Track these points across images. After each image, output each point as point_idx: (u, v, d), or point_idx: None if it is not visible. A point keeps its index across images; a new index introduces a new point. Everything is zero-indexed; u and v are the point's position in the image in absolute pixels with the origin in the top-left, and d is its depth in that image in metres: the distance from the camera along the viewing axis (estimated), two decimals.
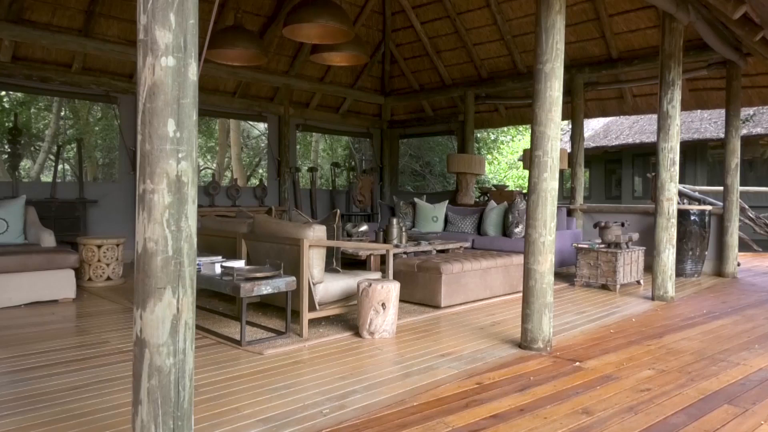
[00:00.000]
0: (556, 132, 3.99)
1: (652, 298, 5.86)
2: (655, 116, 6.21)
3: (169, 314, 1.98)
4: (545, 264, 3.96)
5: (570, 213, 8.72)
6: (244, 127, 16.92)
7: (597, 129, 18.38)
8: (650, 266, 6.06)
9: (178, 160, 1.99)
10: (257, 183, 10.72)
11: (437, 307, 5.26)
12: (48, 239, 5.79)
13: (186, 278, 2.02)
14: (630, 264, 6.49)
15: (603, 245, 6.51)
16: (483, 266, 5.65)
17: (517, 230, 7.40)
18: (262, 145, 17.92)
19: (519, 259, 6.01)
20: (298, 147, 12.22)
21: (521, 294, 4.13)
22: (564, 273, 7.51)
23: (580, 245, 6.68)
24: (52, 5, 7.31)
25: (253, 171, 17.59)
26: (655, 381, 3.38)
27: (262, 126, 16.39)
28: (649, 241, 6.72)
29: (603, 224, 6.56)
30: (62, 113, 14.46)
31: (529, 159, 4.09)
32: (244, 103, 9.81)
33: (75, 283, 5.45)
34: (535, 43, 4.01)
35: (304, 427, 2.63)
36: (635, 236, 6.59)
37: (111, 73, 8.22)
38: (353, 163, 15.05)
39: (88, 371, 3.38)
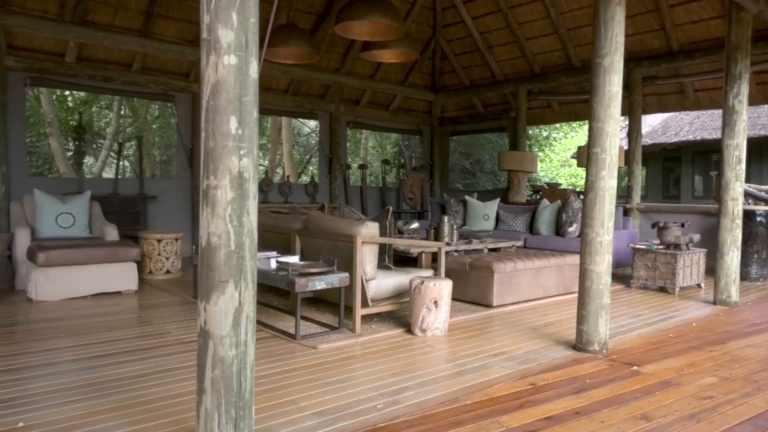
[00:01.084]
0: (615, 128, 3.87)
1: (714, 303, 5.62)
2: (718, 112, 5.96)
3: (231, 307, 2.03)
4: (602, 264, 3.86)
5: (626, 212, 8.47)
6: (295, 124, 17.17)
7: (655, 125, 17.75)
8: (712, 269, 5.82)
9: (239, 157, 2.03)
10: (308, 180, 10.86)
11: (489, 306, 5.20)
12: (112, 233, 6.04)
13: (247, 272, 2.07)
14: (690, 266, 6.25)
15: (662, 246, 6.29)
16: (536, 266, 5.55)
17: (570, 229, 7.24)
18: (313, 142, 18.14)
19: (573, 259, 5.88)
20: (348, 144, 12.32)
21: (575, 295, 4.05)
22: (619, 274, 7.29)
23: (637, 246, 6.47)
24: (114, 7, 7.60)
25: (303, 168, 17.84)
26: (719, 389, 3.24)
27: (312, 123, 16.60)
28: (710, 242, 6.45)
29: (662, 224, 6.33)
30: (122, 112, 15.05)
31: (585, 156, 3.99)
32: (296, 100, 9.95)
33: (137, 276, 5.66)
34: (593, 37, 3.90)
35: (359, 421, 2.65)
36: (696, 237, 6.33)
37: (169, 73, 8.48)
38: (403, 160, 15.05)
39: (151, 360, 3.51)
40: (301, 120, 16.27)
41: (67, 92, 13.52)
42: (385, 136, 18.04)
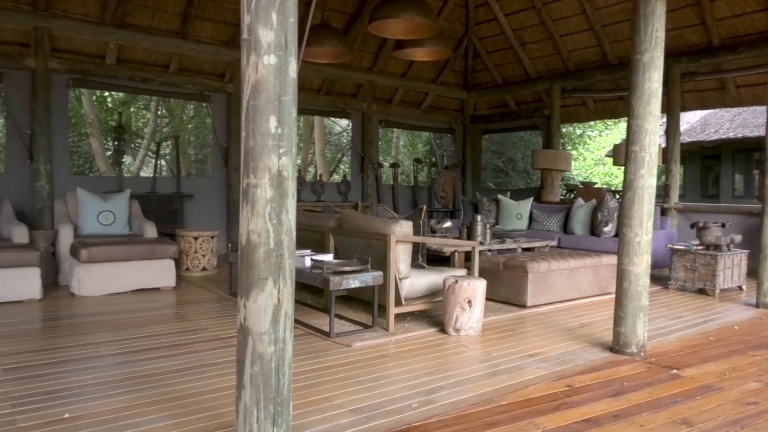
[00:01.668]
0: (655, 126, 3.79)
1: (757, 305, 5.45)
2: (761, 108, 5.77)
3: (270, 304, 2.06)
4: (641, 265, 3.79)
5: (664, 212, 8.28)
6: (327, 123, 17.27)
7: (693, 123, 17.29)
8: (754, 271, 5.64)
9: (279, 156, 2.06)
10: (340, 179, 10.92)
11: (523, 306, 5.15)
12: (150, 231, 6.18)
13: (286, 270, 2.09)
14: (731, 268, 6.07)
15: (701, 247, 6.13)
16: (571, 266, 5.47)
17: (606, 229, 7.12)
18: (344, 141, 18.23)
19: (609, 260, 5.78)
20: (379, 143, 12.33)
21: (611, 296, 3.98)
22: (656, 275, 7.13)
23: (675, 246, 6.32)
24: (152, 9, 7.76)
25: (335, 167, 17.94)
26: (763, 394, 3.14)
27: (343, 122, 16.67)
28: (753, 243, 6.25)
29: (701, 224, 6.17)
30: (159, 112, 15.36)
31: (622, 154, 3.91)
32: (328, 100, 10.02)
33: (175, 273, 5.78)
34: (633, 32, 3.82)
35: (394, 419, 2.66)
36: (738, 238, 6.15)
37: (205, 73, 8.63)
38: (434, 159, 15.00)
39: (188, 356, 3.58)
40: (332, 119, 16.36)
41: (107, 93, 13.86)
42: (416, 134, 18.01)
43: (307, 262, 4.37)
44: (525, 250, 6.23)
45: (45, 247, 5.99)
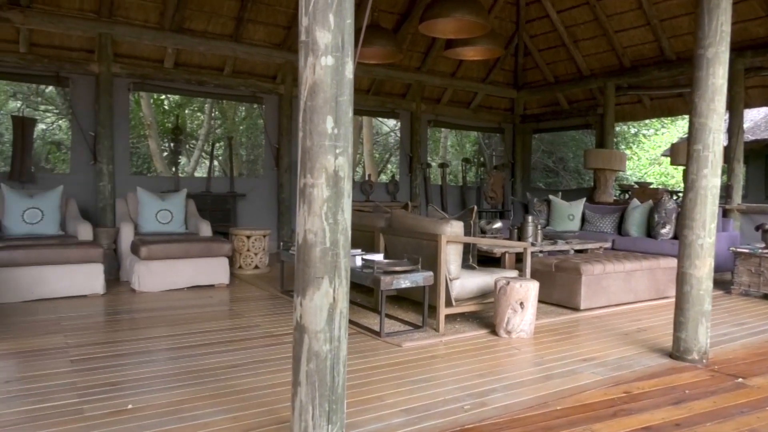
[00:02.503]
0: (719, 124, 3.63)
1: None
2: None
3: (326, 303, 2.08)
4: (703, 269, 3.64)
5: (726, 213, 7.92)
6: (374, 123, 17.35)
7: (757, 120, 16.47)
8: None
9: (335, 156, 2.08)
10: (388, 179, 10.95)
11: (576, 309, 5.03)
12: (205, 229, 6.35)
13: (342, 269, 2.11)
14: None
15: (767, 250, 5.84)
16: (626, 268, 5.31)
17: (663, 231, 6.88)
18: (391, 141, 18.26)
19: (667, 262, 5.59)
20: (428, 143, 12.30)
21: (669, 300, 3.85)
22: (717, 279, 6.81)
23: (739, 249, 6.04)
24: (208, 14, 7.98)
25: (383, 167, 18.00)
26: None
27: (391, 122, 16.70)
28: None
29: (767, 227, 5.88)
30: (212, 114, 15.77)
31: (681, 154, 3.77)
32: (377, 100, 10.05)
33: (228, 270, 5.93)
34: (696, 26, 3.68)
35: (446, 421, 2.64)
36: None
37: (257, 75, 8.81)
38: (483, 158, 14.84)
39: (242, 352, 3.67)
40: (380, 119, 16.42)
41: (163, 96, 14.33)
42: (464, 134, 17.87)
43: (358, 262, 4.40)
44: (578, 251, 6.09)
45: (107, 244, 6.25)
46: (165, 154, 14.12)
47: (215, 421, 2.58)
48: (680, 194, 10.35)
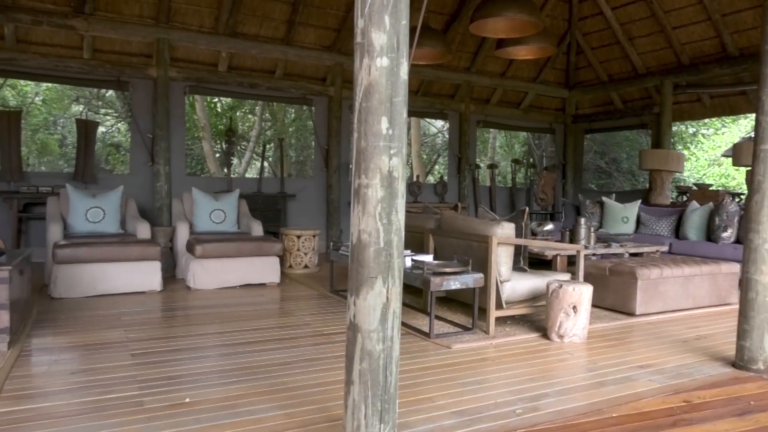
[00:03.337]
0: None
1: None
2: None
3: (379, 302, 2.09)
4: None
5: None
6: (422, 124, 17.32)
7: None
8: None
9: (390, 156, 2.08)
10: (436, 180, 10.91)
11: (631, 314, 4.89)
12: (257, 229, 6.49)
13: (395, 269, 2.12)
14: None
15: None
16: (685, 273, 5.12)
17: (725, 235, 6.60)
18: (439, 142, 18.19)
19: (728, 267, 5.36)
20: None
21: (731, 307, 3.69)
22: None
23: None
24: (260, 18, 8.15)
25: (430, 168, 17.95)
26: None
27: (439, 123, 16.64)
28: None
29: None
30: (263, 116, 16.10)
31: (747, 154, 3.61)
32: (426, 101, 10.03)
33: (279, 269, 6.03)
34: (763, 20, 3.51)
35: (498, 424, 2.61)
36: None
37: (307, 78, 8.93)
38: (532, 159, 14.61)
39: (294, 349, 3.72)
40: (427, 120, 16.38)
41: (216, 98, 14.71)
42: (513, 134, 17.63)
43: (408, 263, 4.40)
44: (633, 255, 5.92)
45: (164, 243, 6.47)
46: (217, 155, 14.50)
47: (269, 416, 2.63)
48: (742, 196, 9.91)
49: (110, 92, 13.85)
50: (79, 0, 7.00)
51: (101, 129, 14.03)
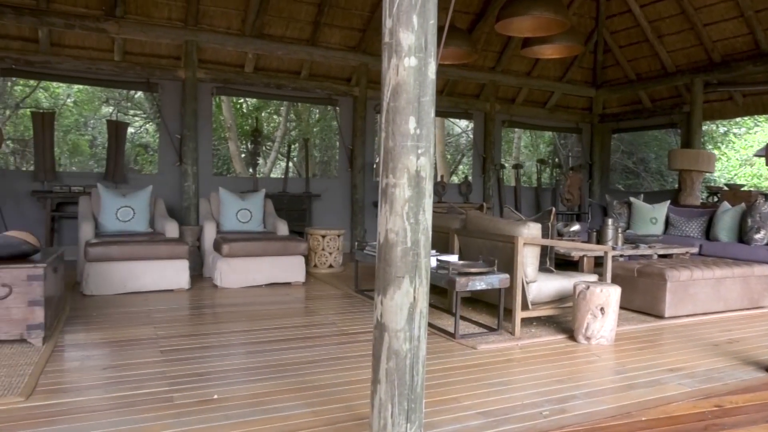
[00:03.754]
0: None
1: None
2: None
3: (406, 302, 2.10)
4: None
5: None
6: (446, 124, 17.26)
7: None
8: None
9: (417, 156, 2.09)
10: (460, 180, 10.87)
11: (660, 316, 4.81)
12: (282, 228, 6.54)
13: (422, 269, 2.12)
14: None
15: None
16: (716, 275, 5.02)
17: (758, 236, 6.44)
18: (463, 142, 18.11)
19: (761, 270, 5.23)
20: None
21: (764, 310, 3.61)
22: None
23: None
24: (287, 19, 8.22)
25: (454, 168, 17.88)
26: None
27: (463, 123, 16.56)
28: None
29: None
30: (288, 116, 16.21)
31: None
32: (451, 101, 10.00)
33: (304, 269, 6.07)
34: None
35: (525, 426, 2.59)
36: None
37: (333, 78, 8.98)
38: (558, 159, 14.45)
39: (319, 348, 3.75)
40: (451, 120, 16.32)
41: (241, 99, 14.87)
42: (538, 134, 17.46)
43: (433, 263, 4.39)
44: (661, 256, 5.82)
45: (192, 242, 6.57)
46: (243, 155, 14.65)
47: (296, 414, 2.65)
48: None
49: (139, 93, 14.10)
50: (110, 3, 7.15)
51: (130, 130, 14.29)
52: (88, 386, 2.97)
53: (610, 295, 3.95)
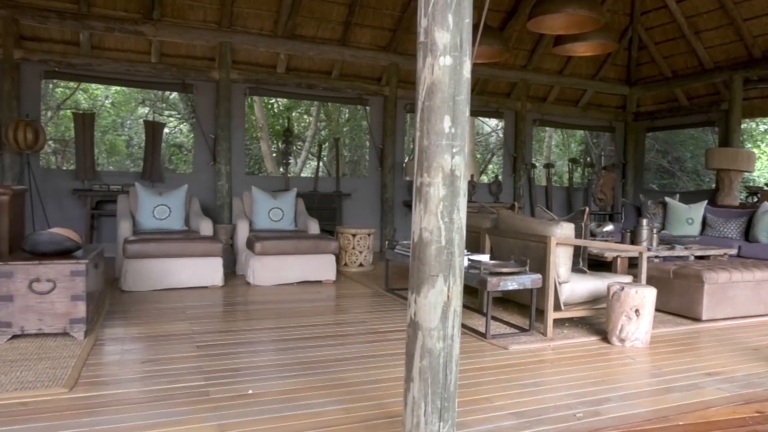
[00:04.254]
0: None
1: None
2: None
3: (440, 301, 2.10)
4: None
5: None
6: (476, 123, 17.16)
7: None
8: None
9: (452, 155, 2.09)
10: (489, 179, 10.79)
11: (697, 319, 4.70)
12: (314, 227, 6.61)
13: (456, 268, 2.12)
14: None
15: None
16: (756, 277, 4.89)
17: None
18: (492, 141, 17.98)
19: None
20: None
21: None
22: None
23: None
24: (318, 20, 8.29)
25: (484, 168, 17.76)
26: None
27: (492, 122, 16.44)
28: None
29: None
30: (318, 116, 16.34)
31: None
32: (481, 100, 9.94)
33: (335, 267, 6.12)
34: None
35: (559, 428, 2.57)
36: None
37: (363, 78, 9.01)
38: (590, 159, 14.22)
39: (350, 346, 3.78)
40: (481, 119, 16.21)
41: (273, 99, 15.04)
42: (570, 133, 17.22)
43: (464, 262, 4.37)
44: (698, 258, 5.69)
45: (225, 240, 6.68)
46: (274, 155, 14.82)
47: (328, 411, 2.68)
48: None
49: (173, 94, 14.38)
50: (147, 6, 7.32)
51: (165, 130, 14.57)
52: (127, 379, 3.05)
53: (646, 296, 3.88)
